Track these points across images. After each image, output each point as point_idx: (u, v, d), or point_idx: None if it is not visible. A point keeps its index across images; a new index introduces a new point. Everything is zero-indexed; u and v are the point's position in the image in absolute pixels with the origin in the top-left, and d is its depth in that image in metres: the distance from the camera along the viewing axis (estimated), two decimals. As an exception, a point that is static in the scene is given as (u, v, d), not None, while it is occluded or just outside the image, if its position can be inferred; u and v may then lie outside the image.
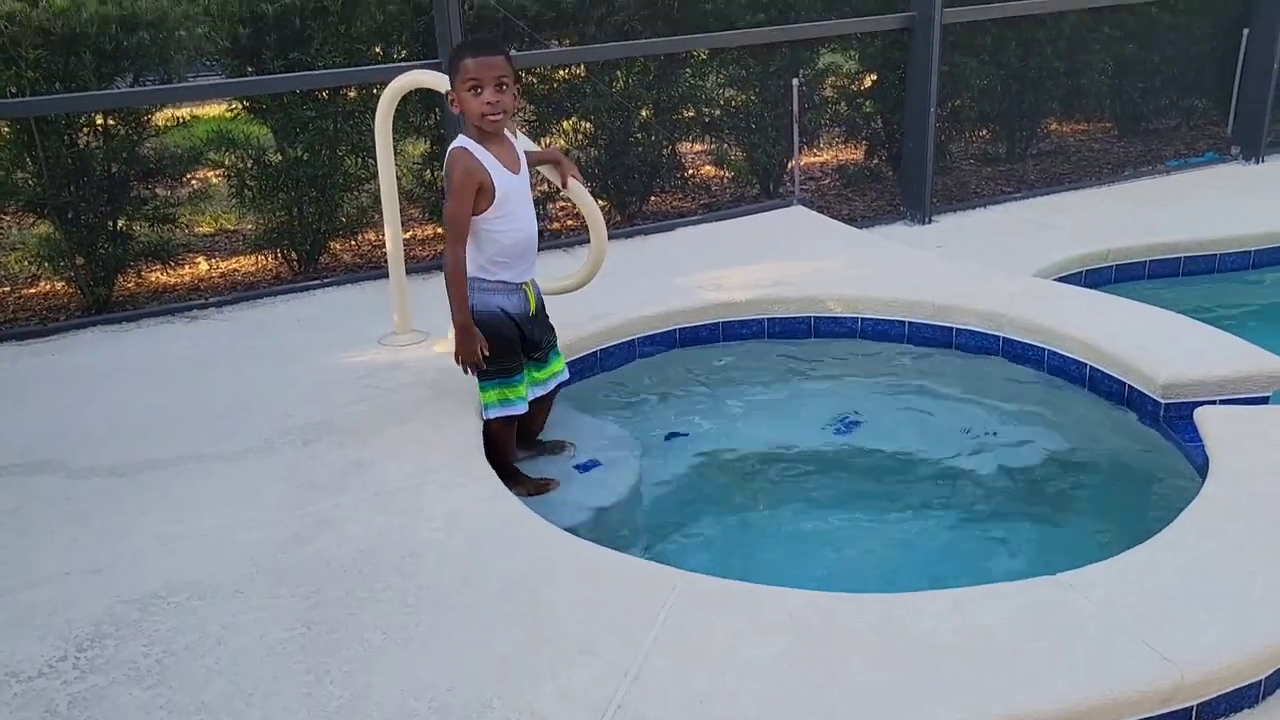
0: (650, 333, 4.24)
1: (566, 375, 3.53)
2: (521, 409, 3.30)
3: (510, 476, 3.26)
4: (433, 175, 5.57)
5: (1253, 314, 4.80)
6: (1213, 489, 2.81)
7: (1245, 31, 6.68)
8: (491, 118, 3.06)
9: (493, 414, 3.27)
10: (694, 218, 5.80)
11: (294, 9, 4.90)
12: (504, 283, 3.22)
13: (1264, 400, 3.41)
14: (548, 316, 3.45)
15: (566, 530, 2.86)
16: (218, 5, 4.88)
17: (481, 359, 3.16)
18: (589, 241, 3.57)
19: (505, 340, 3.24)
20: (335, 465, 3.17)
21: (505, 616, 2.44)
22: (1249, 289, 5.05)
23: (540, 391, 3.43)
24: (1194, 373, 3.45)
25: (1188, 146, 7.13)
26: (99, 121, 4.86)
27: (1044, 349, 3.92)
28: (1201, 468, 3.03)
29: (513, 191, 3.15)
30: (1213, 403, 3.36)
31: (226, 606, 2.52)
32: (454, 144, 3.14)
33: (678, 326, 4.29)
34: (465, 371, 3.22)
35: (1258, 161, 6.67)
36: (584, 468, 3.48)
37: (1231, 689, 2.18)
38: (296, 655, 2.34)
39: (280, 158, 5.22)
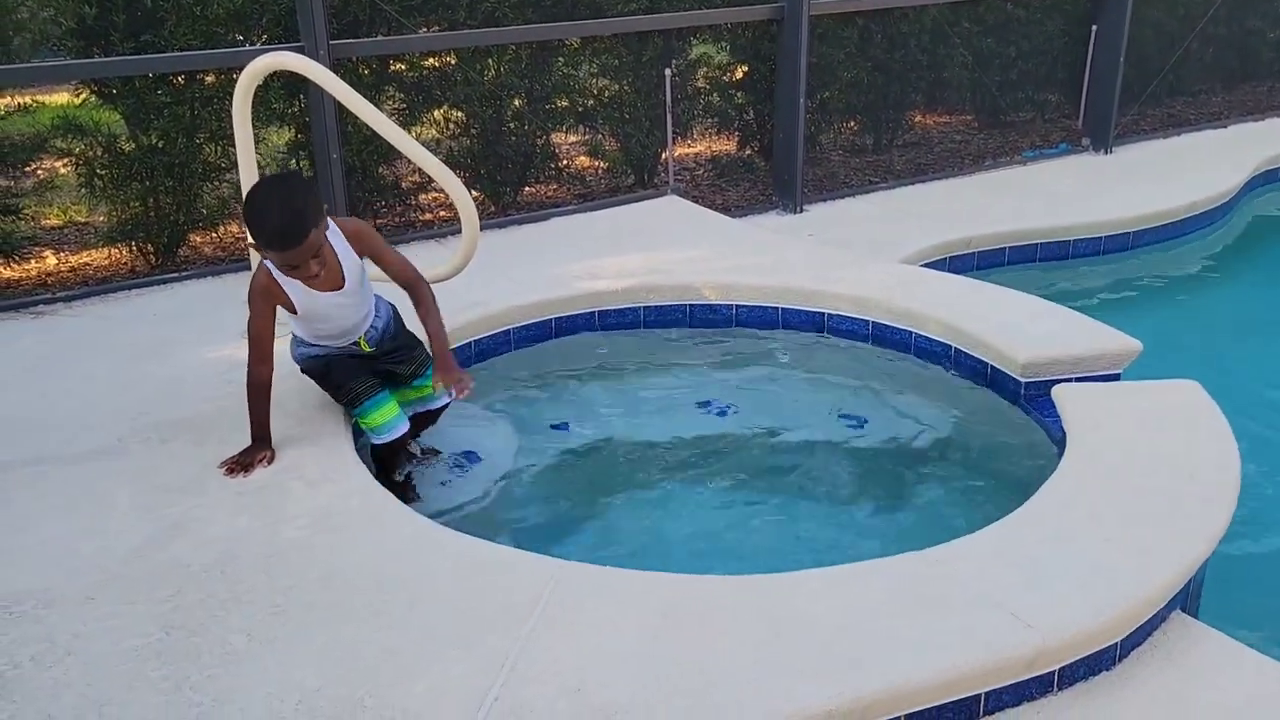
0: (526, 322, 4.18)
1: (449, 397, 3.28)
2: (405, 426, 3.20)
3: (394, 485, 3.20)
4: (298, 164, 5.39)
5: (1103, 296, 5.04)
6: (1070, 463, 2.92)
7: (1094, 28, 7.00)
8: (315, 283, 2.95)
9: (382, 439, 3.16)
10: (569, 207, 5.76)
11: (144, -12, 4.67)
12: (326, 347, 3.19)
13: (1116, 377, 3.57)
14: (405, 348, 3.30)
15: (442, 523, 2.80)
16: (60, -17, 4.61)
17: (261, 461, 2.99)
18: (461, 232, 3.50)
19: (345, 366, 3.18)
20: (193, 465, 3.03)
21: (376, 613, 2.36)
22: (1100, 273, 5.30)
23: (425, 407, 3.35)
24: (1051, 352, 3.59)
25: (1042, 138, 7.42)
26: (-71, 106, 4.54)
27: (910, 332, 4.02)
28: (1060, 442, 3.15)
29: (322, 306, 3.01)
30: (1069, 380, 3.51)
31: (76, 615, 2.38)
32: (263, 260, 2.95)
33: (553, 316, 4.24)
34: (224, 472, 2.96)
35: (1107, 152, 7.00)
36: (461, 458, 3.42)
37: (1090, 652, 2.27)
38: (153, 662, 2.22)
39: (133, 146, 4.96)
